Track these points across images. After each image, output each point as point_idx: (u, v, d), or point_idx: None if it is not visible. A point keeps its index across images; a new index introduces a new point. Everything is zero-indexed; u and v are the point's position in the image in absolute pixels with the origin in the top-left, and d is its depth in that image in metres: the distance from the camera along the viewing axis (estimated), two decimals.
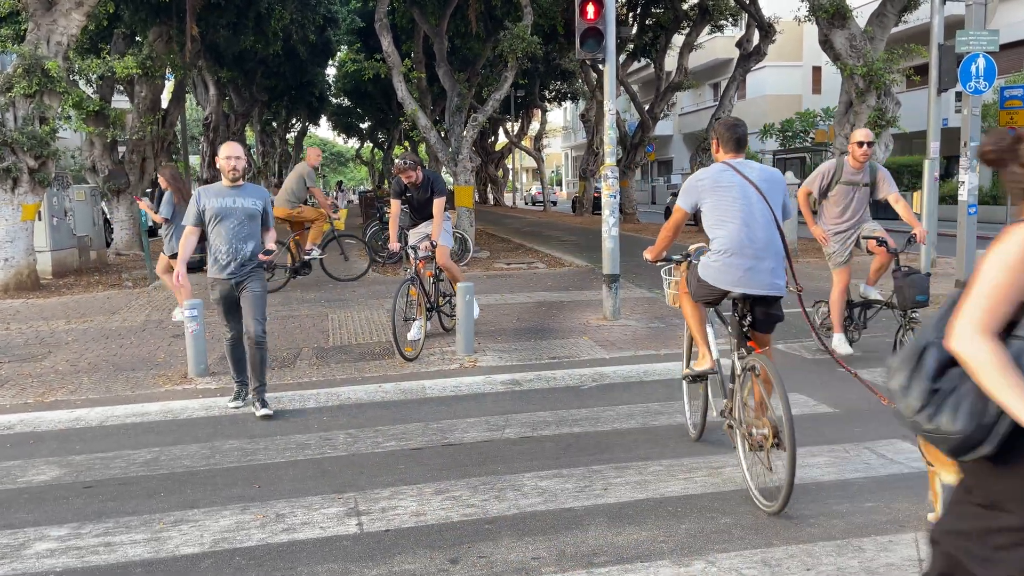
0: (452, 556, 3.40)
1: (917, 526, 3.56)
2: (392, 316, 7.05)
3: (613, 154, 8.81)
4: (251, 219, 5.60)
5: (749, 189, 4.13)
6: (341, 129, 51.64)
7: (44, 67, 11.18)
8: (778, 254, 4.11)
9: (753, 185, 4.14)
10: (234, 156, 5.56)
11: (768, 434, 3.76)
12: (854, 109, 14.16)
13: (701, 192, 4.23)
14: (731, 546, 3.42)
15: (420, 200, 7.83)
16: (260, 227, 5.73)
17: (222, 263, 5.54)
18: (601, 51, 8.39)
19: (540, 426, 5.17)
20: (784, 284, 4.13)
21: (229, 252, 5.52)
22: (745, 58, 20.32)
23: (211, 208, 5.54)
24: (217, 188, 5.65)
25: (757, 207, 4.10)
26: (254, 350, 5.57)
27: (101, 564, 3.40)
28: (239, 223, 5.53)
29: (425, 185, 7.73)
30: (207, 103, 27.11)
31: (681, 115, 45.44)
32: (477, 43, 18.59)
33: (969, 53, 10.18)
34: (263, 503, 4.01)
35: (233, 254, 5.52)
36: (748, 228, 4.07)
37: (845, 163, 6.70)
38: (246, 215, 5.57)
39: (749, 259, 4.05)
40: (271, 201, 5.72)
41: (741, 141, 4.30)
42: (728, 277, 4.09)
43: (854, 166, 6.66)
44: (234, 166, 5.56)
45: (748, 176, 4.17)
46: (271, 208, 5.81)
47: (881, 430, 4.91)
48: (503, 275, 12.88)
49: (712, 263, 4.16)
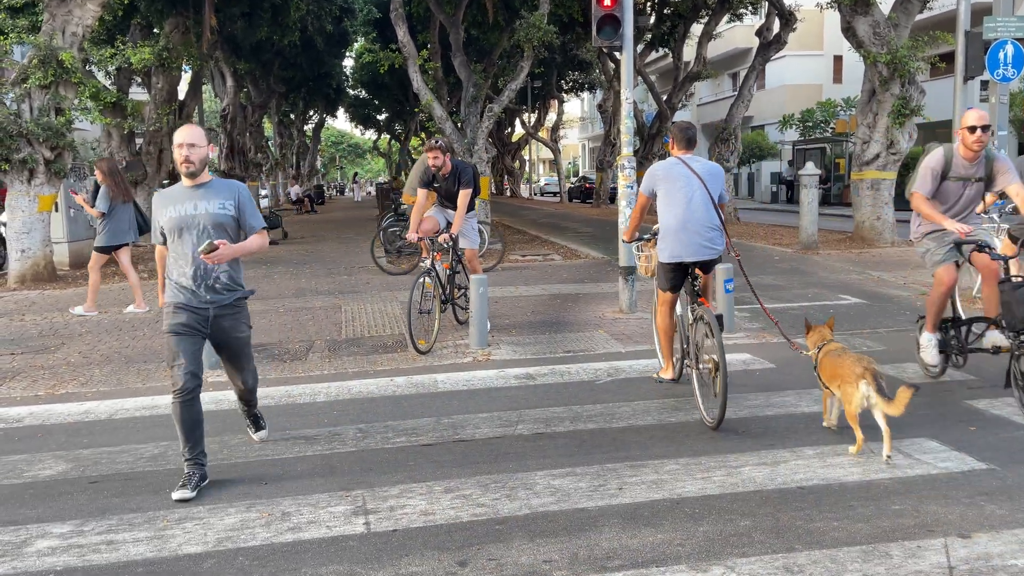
0: (461, 558, 3.29)
1: (947, 531, 3.41)
2: (408, 309, 6.95)
3: (630, 144, 8.65)
4: (219, 229, 4.11)
5: (694, 179, 5.20)
6: (358, 121, 51.67)
7: (59, 58, 11.16)
8: (716, 228, 5.18)
9: (697, 176, 5.21)
10: (187, 143, 4.07)
11: (711, 367, 4.85)
12: (877, 98, 13.88)
13: (657, 181, 5.32)
14: (751, 550, 3.28)
15: (447, 191, 7.62)
16: (235, 239, 4.20)
17: (188, 290, 4.12)
18: (618, 39, 8.22)
19: (553, 422, 5.05)
20: (720, 248, 5.22)
21: (197, 277, 4.10)
22: (765, 47, 20.00)
23: (167, 220, 4.12)
24: (174, 192, 4.20)
25: (699, 193, 5.16)
26: (247, 396, 4.64)
27: (102, 563, 3.32)
28: (203, 235, 4.08)
29: (453, 175, 7.50)
30: (224, 94, 27.17)
31: (700, 105, 45.03)
32: (494, 33, 18.45)
33: (997, 40, 9.91)
34: (269, 500, 3.92)
35: (202, 278, 4.11)
36: (691, 210, 5.13)
37: (955, 154, 5.36)
38: (212, 223, 4.10)
39: (693, 233, 5.12)
40: (248, 197, 4.29)
41: (691, 140, 5.42)
42: (681, 249, 5.16)
43: (967, 157, 5.31)
44: (187, 156, 4.07)
45: (694, 169, 5.25)
46: (252, 206, 4.30)
47: (907, 428, 4.74)
48: (518, 267, 12.76)
49: (662, 245, 5.25)
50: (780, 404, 5.30)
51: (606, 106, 31.38)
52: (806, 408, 5.20)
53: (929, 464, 4.17)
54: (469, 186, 7.44)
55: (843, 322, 7.87)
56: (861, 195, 14.58)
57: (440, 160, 7.39)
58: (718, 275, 7.38)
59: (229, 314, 4.25)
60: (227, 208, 4.17)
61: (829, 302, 8.96)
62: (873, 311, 8.38)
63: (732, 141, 20.20)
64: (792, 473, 4.10)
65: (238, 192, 4.25)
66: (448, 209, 7.72)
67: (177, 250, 4.14)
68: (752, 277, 10.78)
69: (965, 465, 4.15)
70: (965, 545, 3.27)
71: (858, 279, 10.46)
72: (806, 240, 13.99)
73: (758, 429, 4.82)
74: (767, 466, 4.20)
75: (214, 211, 4.12)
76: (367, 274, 12.14)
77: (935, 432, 4.67)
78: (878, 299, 8.69)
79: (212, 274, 4.14)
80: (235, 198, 4.21)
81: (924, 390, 5.51)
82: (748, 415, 5.09)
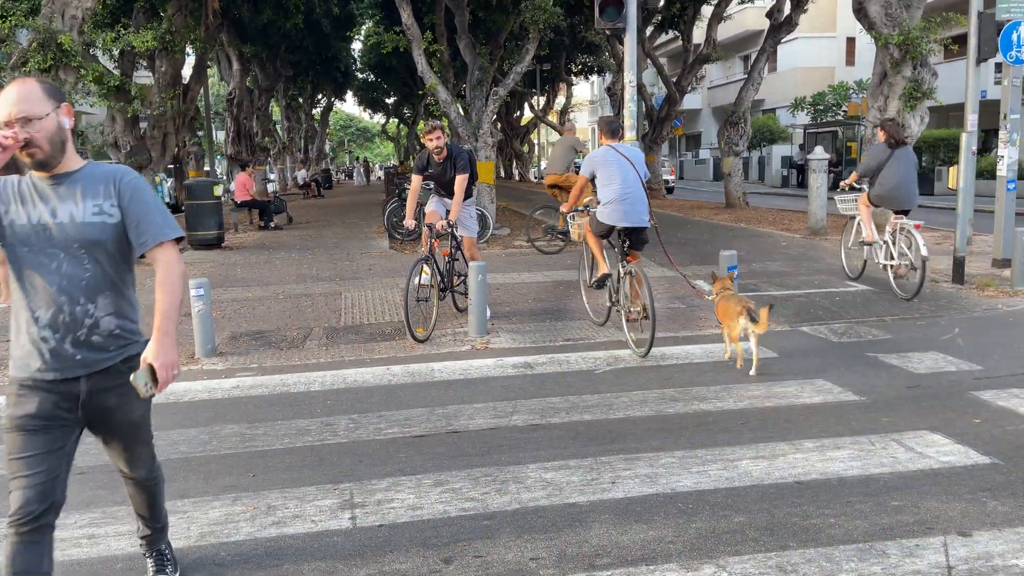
0: (446, 555, 3.21)
1: (947, 528, 3.31)
2: (405, 296, 6.86)
3: (634, 128, 8.52)
4: (92, 250, 2.54)
5: (624, 162, 6.54)
6: (367, 104, 51.43)
7: (58, 41, 11.07)
8: (643, 201, 6.53)
9: (626, 159, 6.56)
10: (17, 117, 2.41)
11: (640, 311, 6.34)
12: (889, 80, 13.63)
13: (596, 165, 6.62)
14: (744, 548, 3.20)
15: (441, 176, 7.47)
16: (124, 262, 2.64)
17: (43, 351, 2.52)
18: (621, 20, 8.07)
19: (549, 412, 4.96)
20: (647, 219, 6.54)
21: (58, 324, 2.51)
22: (776, 29, 19.69)
23: (9, 227, 2.50)
24: (19, 186, 2.54)
25: (629, 173, 6.52)
26: (142, 494, 2.99)
27: (82, 558, 3.27)
28: (68, 259, 2.51)
29: (448, 160, 7.34)
30: (231, 78, 27.03)
31: (710, 88, 44.60)
32: (499, 15, 18.20)
33: (1010, 21, 9.67)
34: (255, 493, 3.86)
35: (67, 327, 2.52)
36: (624, 187, 6.47)
37: None
38: (80, 242, 2.52)
39: (627, 205, 6.46)
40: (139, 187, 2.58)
41: (615, 131, 6.87)
42: (616, 217, 6.50)
43: None
44: (23, 140, 2.42)
45: (623, 153, 6.63)
46: (148, 201, 2.60)
47: (910, 420, 4.64)
48: (522, 252, 12.65)
49: (604, 211, 6.55)
50: (781, 395, 5.19)
51: (615, 89, 31.04)
52: (807, 399, 5.09)
53: (931, 458, 4.07)
54: (465, 171, 7.26)
55: (849, 310, 7.74)
56: None
57: (441, 141, 7.25)
58: (722, 262, 7.28)
59: (115, 386, 2.61)
60: (105, 213, 2.53)
61: (835, 288, 8.82)
62: (880, 298, 8.24)
63: (742, 124, 19.94)
64: (790, 467, 4.00)
65: (120, 182, 2.56)
66: (445, 198, 7.60)
67: (28, 278, 2.50)
68: (758, 264, 10.66)
69: (968, 459, 4.04)
70: (965, 544, 3.18)
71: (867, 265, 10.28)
72: (815, 225, 13.81)
73: (757, 421, 4.72)
74: (765, 459, 4.11)
75: (84, 219, 2.50)
76: (370, 259, 12.06)
77: (938, 424, 4.56)
78: (886, 286, 8.53)
79: (86, 317, 2.53)
80: (116, 194, 2.55)
81: (928, 381, 5.40)
82: (748, 406, 4.99)
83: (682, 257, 11.45)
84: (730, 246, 9.57)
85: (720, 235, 14.30)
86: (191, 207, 14.09)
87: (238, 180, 17.79)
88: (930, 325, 7.09)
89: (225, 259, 12.60)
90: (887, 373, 5.65)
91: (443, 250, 7.50)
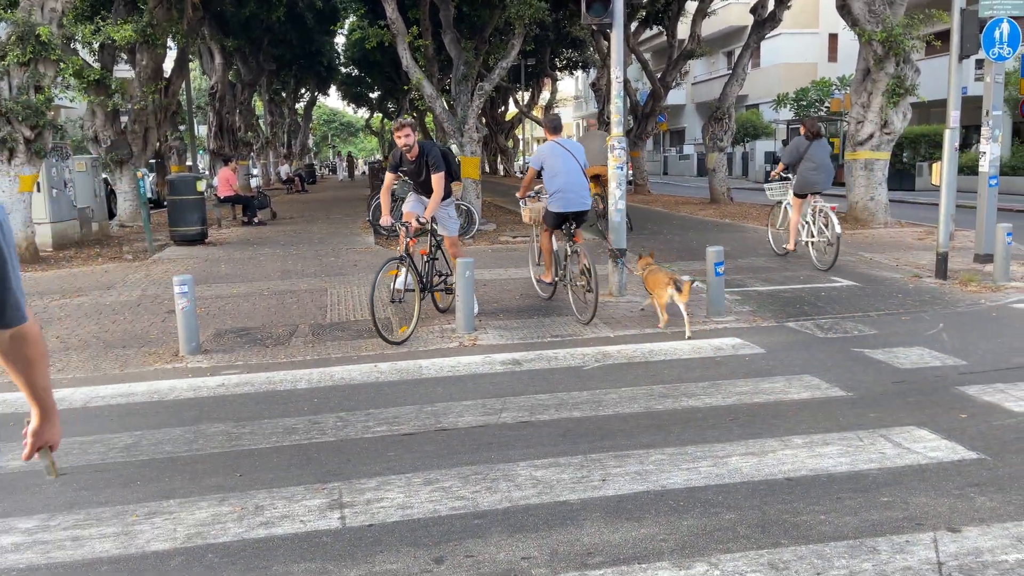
0: (437, 555, 3.19)
1: (936, 524, 3.32)
2: (371, 297, 6.64)
3: (621, 123, 8.48)
4: None
5: (568, 155, 7.53)
6: (350, 99, 51.10)
7: (37, 34, 10.91)
8: (584, 187, 7.58)
9: (569, 152, 7.54)
10: None
11: (584, 285, 7.25)
12: (872, 77, 13.71)
13: (544, 158, 7.59)
14: (735, 546, 3.19)
15: (416, 175, 7.31)
16: None
17: None
18: (608, 16, 8.03)
19: (538, 410, 4.94)
20: (589, 202, 7.60)
21: None
22: (760, 25, 19.74)
23: None
24: None
25: (572, 164, 7.50)
26: None
27: (66, 560, 3.21)
28: None
29: (421, 158, 7.16)
30: (213, 72, 26.77)
31: (694, 84, 44.68)
32: (485, 10, 18.13)
33: (993, 17, 9.74)
34: (242, 493, 3.81)
35: None
36: (568, 177, 7.45)
37: None
38: None
39: (571, 193, 7.45)
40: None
41: (557, 128, 7.80)
42: (564, 205, 7.47)
43: None
44: None
45: (566, 147, 7.59)
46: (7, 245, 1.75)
47: (898, 415, 4.66)
48: (508, 248, 12.62)
49: (553, 200, 7.53)
50: (769, 391, 5.20)
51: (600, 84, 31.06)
52: (795, 395, 5.11)
53: (919, 454, 4.09)
54: (440, 169, 7.07)
55: (834, 305, 7.78)
56: (854, 175, 14.45)
57: (411, 139, 7.03)
58: (709, 258, 7.28)
59: None
60: None
61: (821, 284, 8.86)
62: (865, 294, 8.29)
63: (726, 120, 19.99)
64: (780, 463, 4.00)
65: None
66: (423, 197, 7.49)
67: None
68: (744, 259, 10.70)
69: (955, 455, 4.06)
70: (955, 540, 3.19)
71: (851, 260, 10.35)
72: None
73: (746, 417, 4.72)
74: (755, 456, 4.11)
75: None
76: (355, 255, 11.99)
77: (925, 419, 4.58)
78: (870, 281, 8.59)
79: None
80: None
81: (914, 376, 5.43)
82: (736, 402, 4.99)
83: (667, 253, 11.47)
84: (715, 241, 9.56)
85: (705, 230, 14.33)
86: (173, 203, 13.94)
87: (221, 175, 17.63)
88: (915, 320, 7.14)
89: (208, 255, 12.48)
90: (873, 368, 5.67)
91: (421, 249, 7.39)
